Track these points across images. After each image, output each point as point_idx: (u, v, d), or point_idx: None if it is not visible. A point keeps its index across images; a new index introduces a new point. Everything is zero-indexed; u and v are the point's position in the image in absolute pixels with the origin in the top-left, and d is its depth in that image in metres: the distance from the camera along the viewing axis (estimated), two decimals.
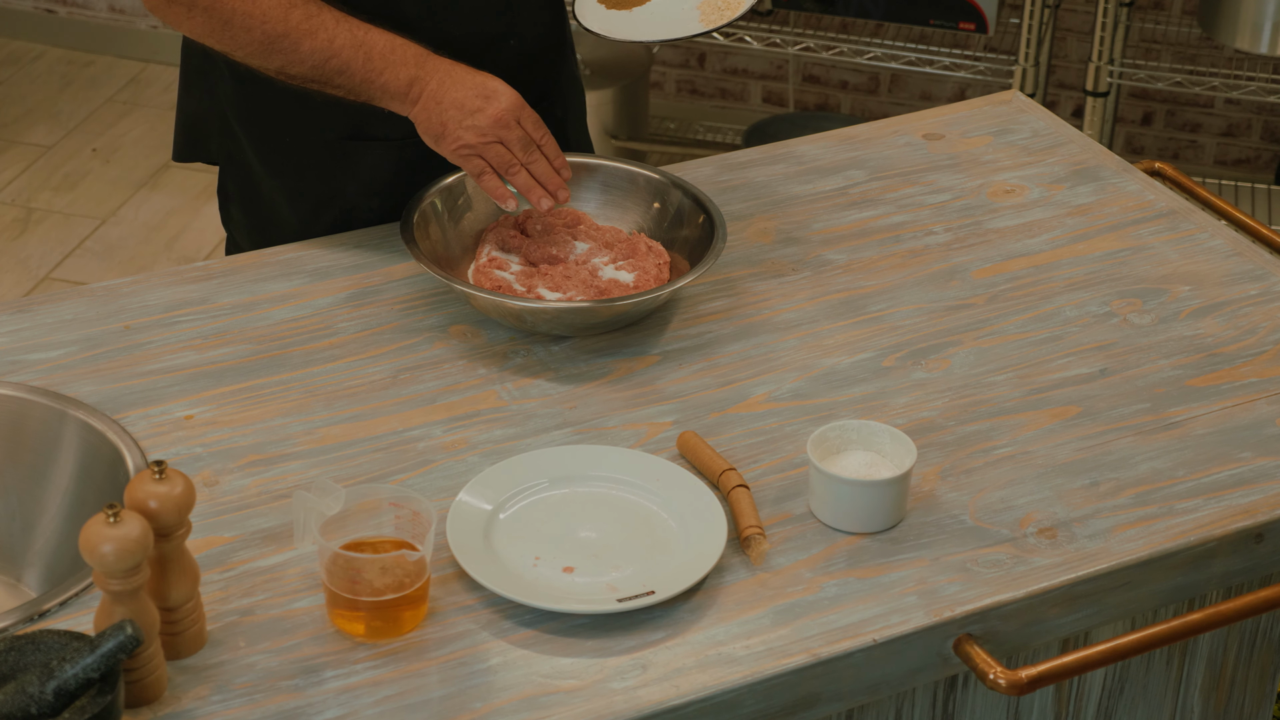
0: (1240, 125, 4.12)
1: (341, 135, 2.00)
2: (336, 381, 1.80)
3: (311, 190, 2.04)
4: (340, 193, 2.04)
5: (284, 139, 2.03)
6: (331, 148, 2.01)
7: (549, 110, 2.10)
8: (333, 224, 2.05)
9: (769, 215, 2.09)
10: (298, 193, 2.05)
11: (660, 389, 1.80)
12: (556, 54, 2.12)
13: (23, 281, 3.83)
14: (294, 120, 2.00)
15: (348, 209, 2.04)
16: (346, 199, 2.04)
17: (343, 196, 2.04)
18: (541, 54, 2.08)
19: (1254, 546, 1.66)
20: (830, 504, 1.63)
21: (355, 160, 2.01)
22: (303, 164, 2.03)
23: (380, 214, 2.04)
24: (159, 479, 1.42)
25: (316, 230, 2.04)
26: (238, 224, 2.14)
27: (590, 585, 1.56)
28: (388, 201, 2.03)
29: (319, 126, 2.00)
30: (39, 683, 1.34)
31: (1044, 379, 1.83)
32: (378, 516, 1.54)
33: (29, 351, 1.84)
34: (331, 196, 2.04)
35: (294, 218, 2.06)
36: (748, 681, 1.48)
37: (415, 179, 2.01)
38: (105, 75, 4.62)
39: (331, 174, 2.02)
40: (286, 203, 2.06)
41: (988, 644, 1.56)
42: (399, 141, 2.00)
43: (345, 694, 1.46)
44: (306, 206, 2.05)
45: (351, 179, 2.03)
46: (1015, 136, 2.26)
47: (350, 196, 2.04)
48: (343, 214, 2.04)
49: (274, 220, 2.08)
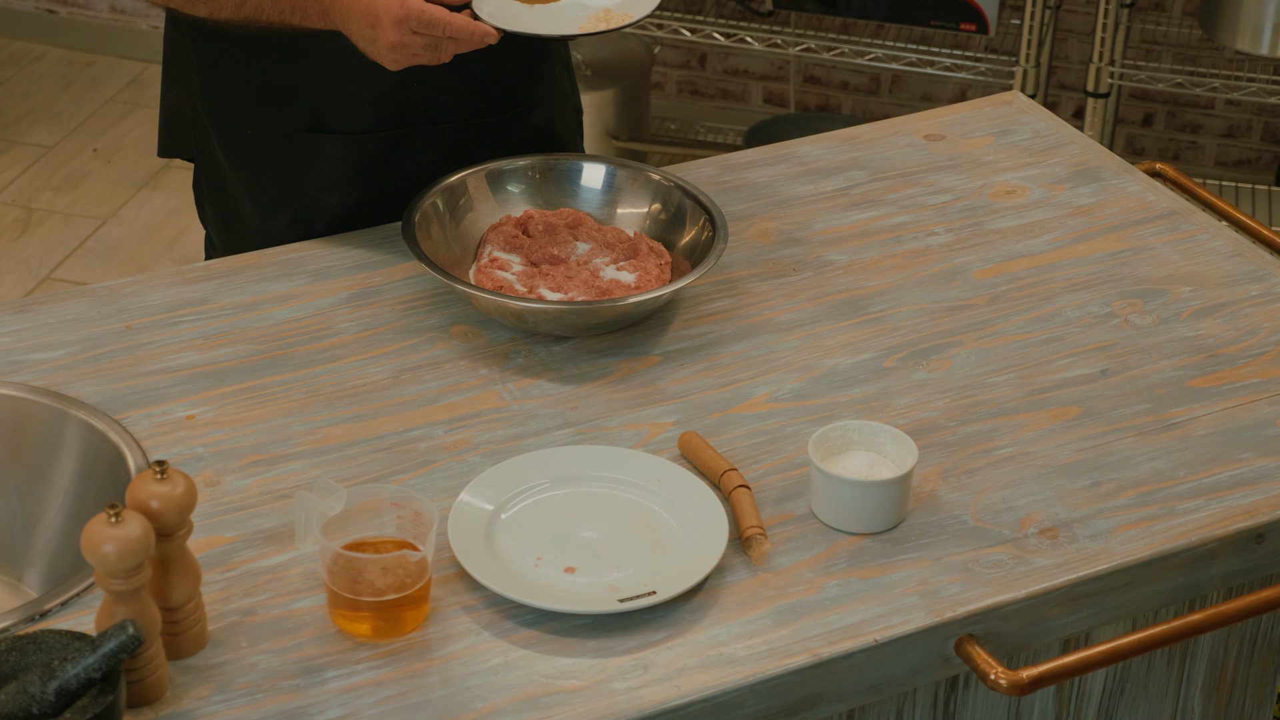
0: (1241, 126, 4.12)
1: (301, 127, 2.00)
2: (338, 382, 1.80)
3: (271, 184, 2.04)
4: (299, 186, 2.03)
5: (246, 131, 2.02)
6: (291, 140, 2.00)
7: (524, 117, 2.08)
8: (292, 219, 2.04)
9: (770, 216, 2.09)
10: (259, 186, 2.04)
11: (662, 389, 1.81)
12: (534, 59, 2.09)
13: (24, 282, 3.83)
14: (255, 112, 2.00)
15: (306, 204, 2.03)
16: (305, 193, 2.03)
17: (301, 191, 2.03)
18: (512, 57, 2.05)
19: (1255, 547, 1.66)
20: (831, 504, 1.63)
21: (314, 153, 2.00)
22: (263, 157, 2.02)
23: (340, 210, 2.03)
24: (160, 479, 1.42)
25: (276, 226, 2.04)
26: (210, 219, 2.14)
27: (591, 585, 1.56)
28: (348, 197, 2.02)
29: (277, 119, 1.99)
30: (40, 683, 1.34)
31: (1045, 379, 1.83)
32: (379, 517, 1.54)
33: (30, 352, 1.84)
34: (290, 190, 2.03)
35: (256, 212, 2.05)
36: (749, 682, 1.48)
37: (375, 174, 2.00)
38: (106, 75, 4.62)
39: (291, 167, 2.01)
40: (249, 197, 2.05)
41: (989, 644, 1.56)
42: (359, 135, 2.00)
43: (347, 694, 1.46)
44: (266, 200, 2.05)
45: (309, 172, 2.02)
46: (1016, 137, 2.26)
47: (308, 191, 2.03)
48: (302, 209, 2.03)
49: (239, 215, 2.08)
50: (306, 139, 2.00)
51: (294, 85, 1.98)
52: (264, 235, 2.04)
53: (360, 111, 1.95)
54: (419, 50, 1.80)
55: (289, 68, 1.96)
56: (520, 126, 2.08)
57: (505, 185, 2.01)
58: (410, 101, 2.00)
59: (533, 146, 2.09)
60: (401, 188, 1.99)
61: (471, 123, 2.05)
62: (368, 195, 2.03)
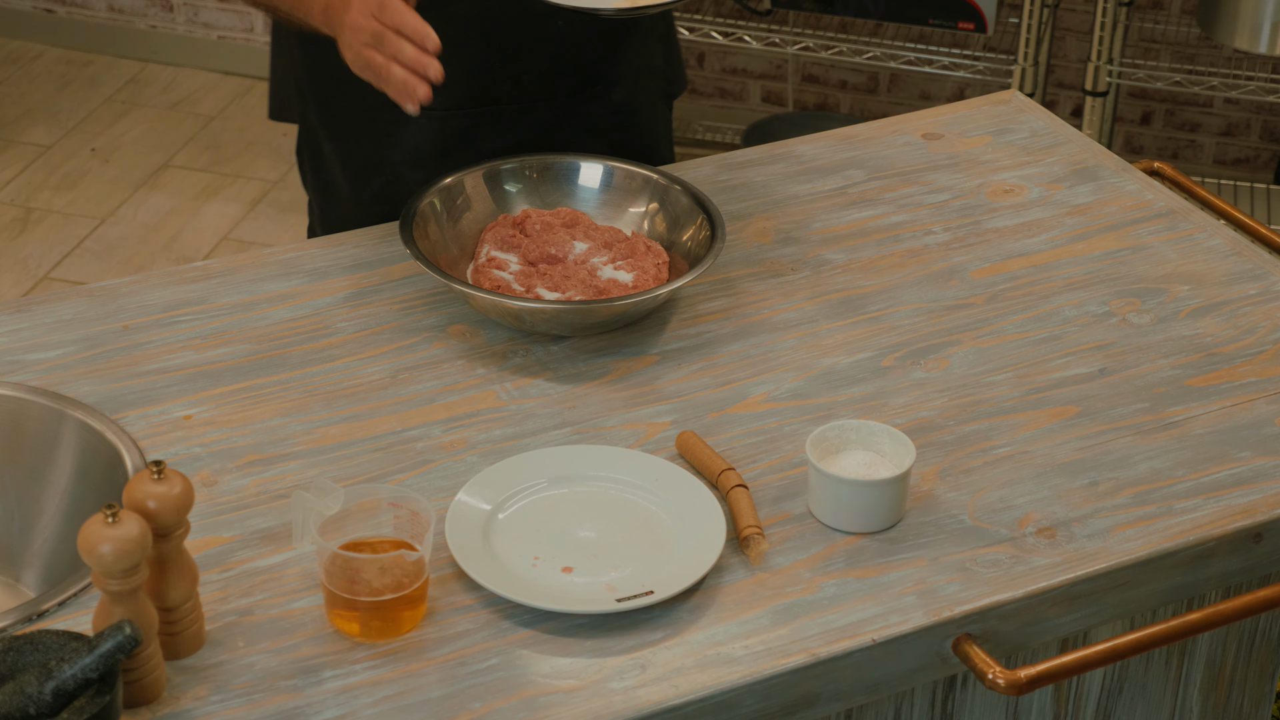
0: (1239, 125, 4.12)
1: (387, 103, 2.00)
2: (335, 381, 1.80)
3: (360, 155, 2.09)
4: (386, 160, 2.08)
5: (339, 103, 2.08)
6: (377, 115, 2.03)
7: (605, 95, 2.10)
8: (380, 192, 2.08)
9: (768, 215, 2.09)
10: (350, 157, 2.10)
11: (659, 389, 1.80)
12: (619, 37, 2.11)
13: (21, 281, 3.83)
14: (347, 86, 2.01)
15: (393, 178, 2.07)
16: (392, 167, 2.08)
17: (389, 165, 2.08)
18: (597, 36, 2.06)
19: (1253, 546, 1.66)
20: (829, 504, 1.63)
21: (399, 129, 2.03)
22: (354, 129, 2.07)
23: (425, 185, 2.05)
24: (157, 479, 1.42)
25: (365, 197, 2.08)
26: (311, 185, 2.21)
27: (589, 585, 1.56)
28: (431, 173, 2.04)
29: (367, 93, 2.00)
30: (37, 683, 1.34)
31: (1043, 379, 1.83)
32: (376, 516, 1.54)
33: (28, 351, 1.83)
34: (378, 164, 2.08)
35: (347, 182, 2.11)
36: (747, 681, 1.48)
37: (458, 151, 2.04)
38: (104, 75, 4.62)
39: (378, 142, 2.05)
40: (340, 166, 2.11)
41: (987, 644, 1.56)
42: (442, 113, 2.02)
43: (344, 694, 1.46)
44: (354, 171, 2.10)
45: (395, 148, 2.06)
46: (1014, 136, 2.26)
47: (395, 165, 2.07)
48: (388, 183, 2.08)
49: (332, 183, 2.14)
50: (392, 114, 2.00)
51: None
52: (355, 204, 2.09)
53: (444, 89, 1.95)
54: (367, 39, 1.79)
55: None
56: (600, 106, 2.11)
57: (502, 184, 2.01)
58: (493, 81, 2.02)
59: (615, 127, 2.13)
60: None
61: (553, 102, 2.09)
62: (451, 172, 2.04)
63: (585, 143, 2.11)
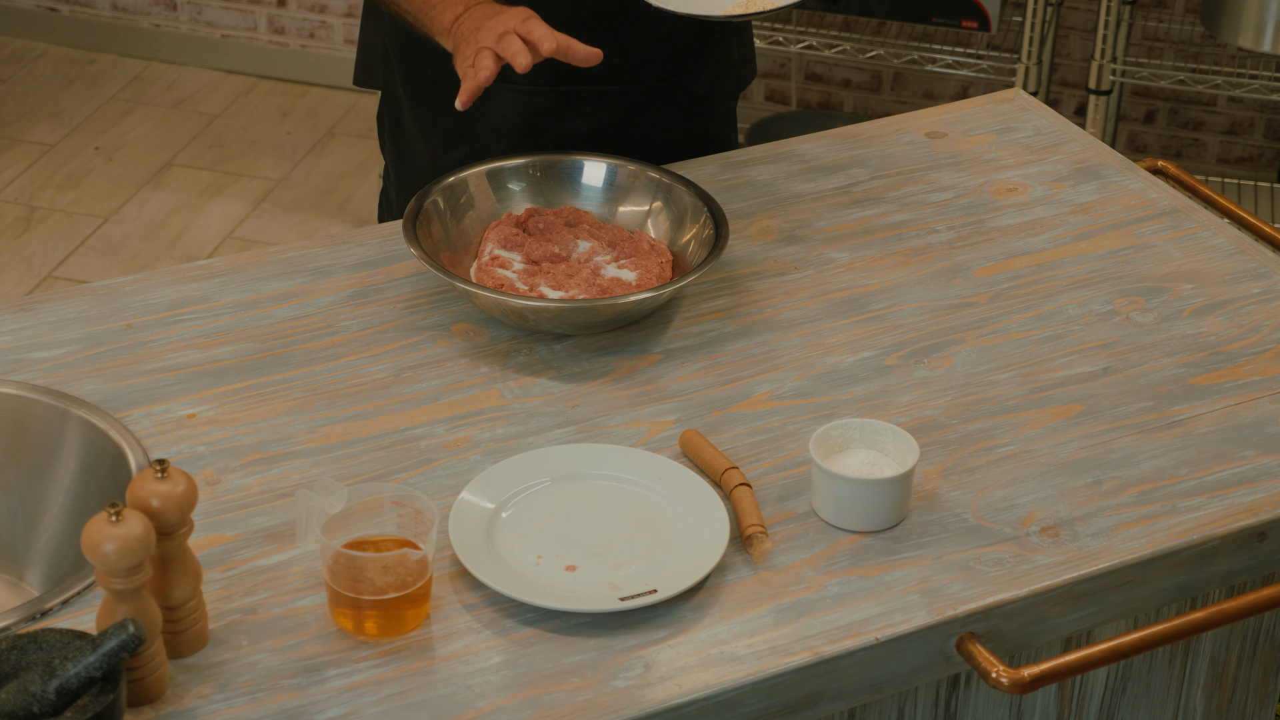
0: (1243, 123, 4.12)
1: None
2: (339, 380, 1.80)
3: (445, 124, 2.13)
4: (471, 130, 2.12)
5: (426, 72, 2.12)
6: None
7: (689, 83, 2.13)
8: (461, 160, 2.10)
9: (771, 214, 2.09)
10: (434, 125, 2.14)
11: (662, 387, 1.80)
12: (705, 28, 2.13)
13: (25, 280, 3.83)
14: (436, 55, 2.05)
15: (478, 148, 2.12)
16: (477, 137, 2.12)
17: (474, 134, 2.12)
18: (683, 24, 2.07)
19: (1257, 545, 1.66)
20: (832, 502, 1.63)
21: (484, 101, 2.03)
22: (440, 98, 2.09)
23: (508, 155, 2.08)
24: (161, 478, 1.42)
25: (448, 163, 2.11)
26: (389, 150, 2.26)
27: (592, 584, 1.56)
28: (517, 146, 2.10)
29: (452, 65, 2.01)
30: (41, 681, 1.34)
31: (1046, 377, 1.83)
32: (380, 515, 1.54)
33: (31, 350, 1.84)
34: (463, 133, 2.12)
35: (427, 149, 2.15)
36: (750, 680, 1.48)
37: (541, 129, 2.09)
38: (108, 73, 4.62)
39: (464, 112, 2.05)
40: (421, 134, 2.16)
41: (990, 643, 1.56)
42: (529, 88, 2.07)
43: (347, 693, 1.46)
44: (439, 139, 2.14)
45: (481, 119, 2.10)
46: (1018, 135, 2.26)
47: (481, 135, 2.12)
48: (472, 152, 2.11)
49: (412, 150, 2.19)
50: None
51: None
52: (435, 170, 2.11)
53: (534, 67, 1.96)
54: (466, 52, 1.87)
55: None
56: (684, 94, 2.13)
57: (506, 183, 2.01)
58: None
59: (694, 116, 2.17)
60: (568, 146, 2.07)
61: (638, 87, 2.13)
62: (535, 147, 2.09)
63: (664, 131, 2.16)
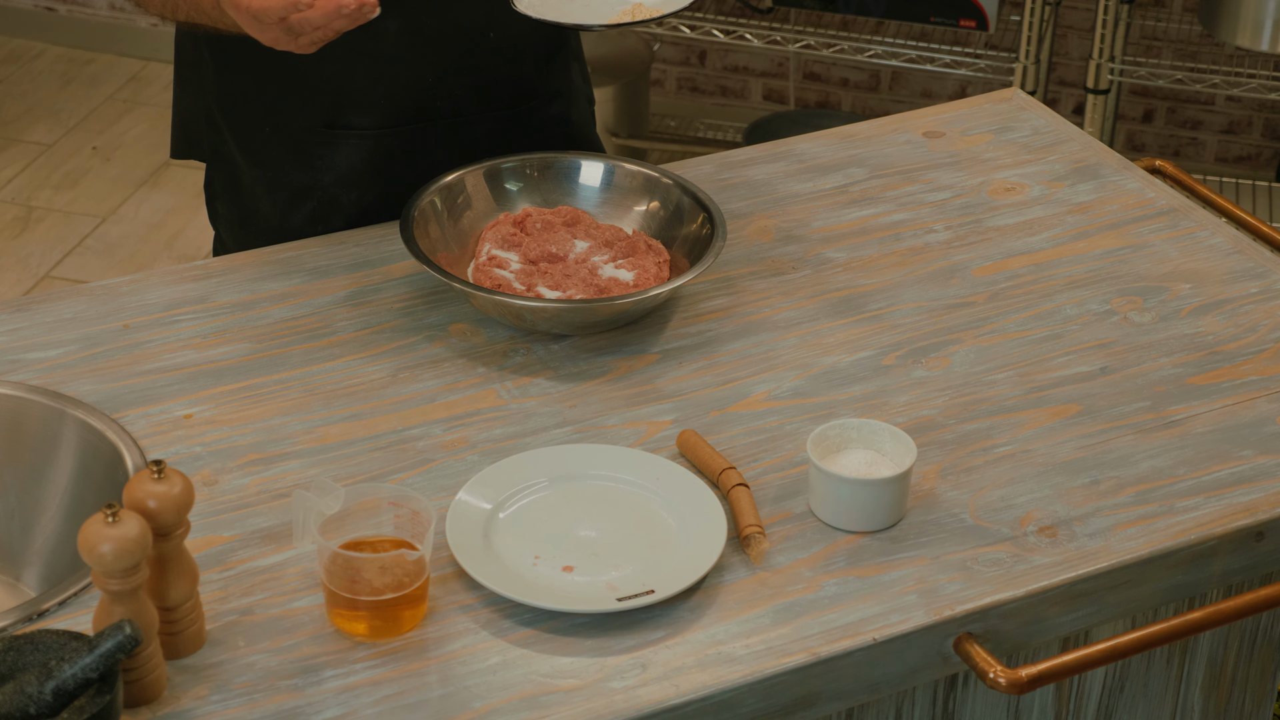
0: (1241, 122, 4.12)
1: (317, 124, 2.00)
2: (336, 380, 1.80)
3: (289, 181, 2.04)
4: (317, 183, 2.03)
5: (263, 128, 2.02)
6: (308, 137, 2.00)
7: (541, 109, 2.09)
8: (310, 215, 2.04)
9: (769, 213, 2.09)
10: (276, 184, 2.04)
11: (660, 388, 1.80)
12: (548, 52, 2.10)
13: (22, 280, 3.83)
14: (271, 109, 2.00)
15: (324, 200, 2.04)
16: (323, 189, 2.03)
17: (320, 187, 2.03)
18: (527, 50, 2.06)
19: (1254, 545, 1.66)
20: (830, 503, 1.63)
21: (331, 150, 2.01)
22: (280, 154, 2.02)
23: (359, 205, 2.03)
24: (158, 478, 1.42)
25: (295, 221, 2.04)
26: (223, 219, 2.14)
27: (590, 584, 1.56)
28: (366, 193, 2.03)
29: (294, 116, 1.99)
30: (38, 683, 1.34)
31: (1044, 377, 1.83)
32: (377, 516, 1.54)
33: (28, 350, 1.83)
34: (309, 187, 2.03)
35: (274, 209, 2.05)
36: (748, 681, 1.48)
37: (392, 170, 2.01)
38: (105, 73, 4.62)
39: (308, 164, 2.02)
40: (266, 194, 2.05)
41: (988, 643, 1.56)
42: (375, 132, 2.00)
43: (345, 693, 1.45)
44: (284, 197, 2.05)
45: (328, 169, 2.02)
46: (1016, 134, 2.26)
47: (327, 187, 2.03)
48: (321, 205, 2.04)
49: (256, 214, 2.08)
50: (323, 135, 2.00)
51: (310, 82, 1.98)
52: (282, 232, 2.05)
53: (376, 108, 1.95)
54: (274, 26, 1.68)
55: (305, 64, 1.96)
56: (536, 120, 2.09)
57: (503, 183, 2.01)
58: (426, 97, 2.00)
59: (551, 140, 2.10)
60: (420, 184, 1.98)
61: (488, 117, 2.06)
62: (386, 191, 2.03)
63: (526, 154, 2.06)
